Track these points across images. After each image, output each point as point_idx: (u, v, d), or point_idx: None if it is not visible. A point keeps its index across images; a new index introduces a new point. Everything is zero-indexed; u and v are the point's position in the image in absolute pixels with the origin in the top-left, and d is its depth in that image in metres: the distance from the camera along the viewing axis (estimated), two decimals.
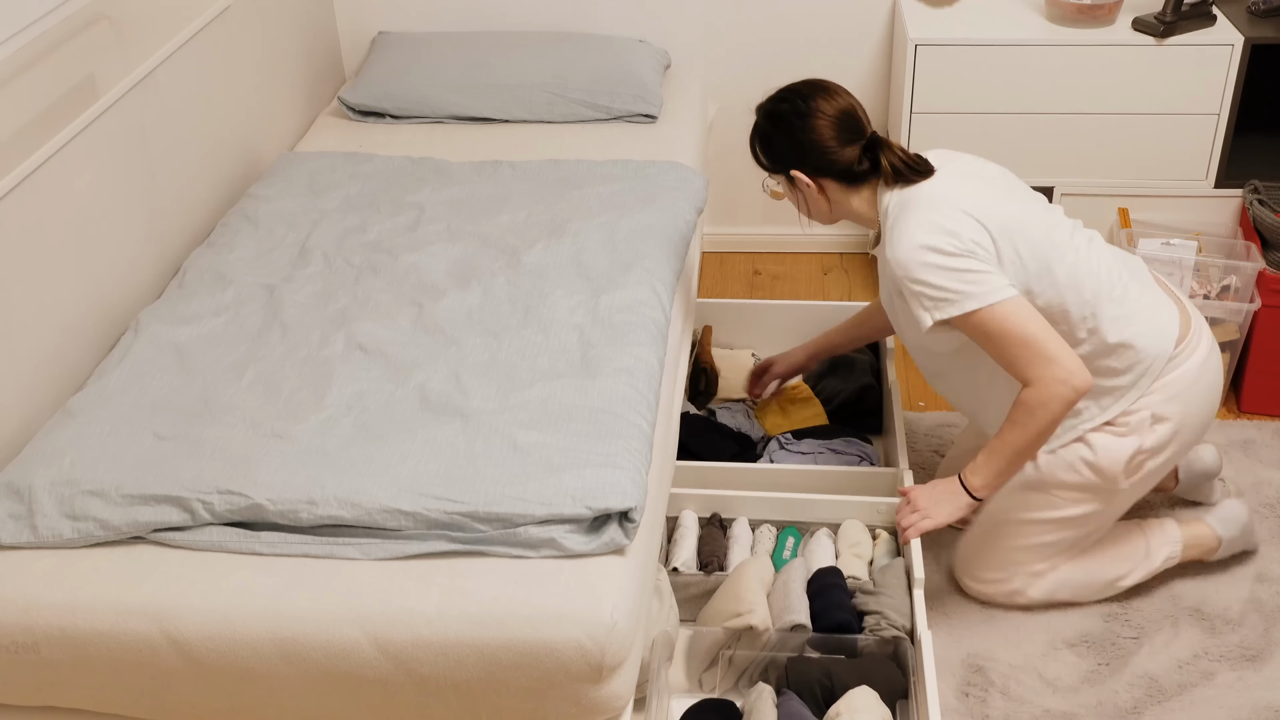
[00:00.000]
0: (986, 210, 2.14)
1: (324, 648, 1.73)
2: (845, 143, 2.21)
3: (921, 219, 2.12)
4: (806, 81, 2.28)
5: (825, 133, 2.21)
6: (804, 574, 2.32)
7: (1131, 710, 2.26)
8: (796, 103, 2.23)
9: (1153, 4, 3.18)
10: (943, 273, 2.09)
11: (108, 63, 2.41)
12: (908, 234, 2.12)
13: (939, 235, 2.10)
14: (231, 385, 2.13)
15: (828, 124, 2.21)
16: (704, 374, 3.02)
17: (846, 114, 2.22)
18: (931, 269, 2.10)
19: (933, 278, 2.10)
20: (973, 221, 2.11)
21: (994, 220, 2.13)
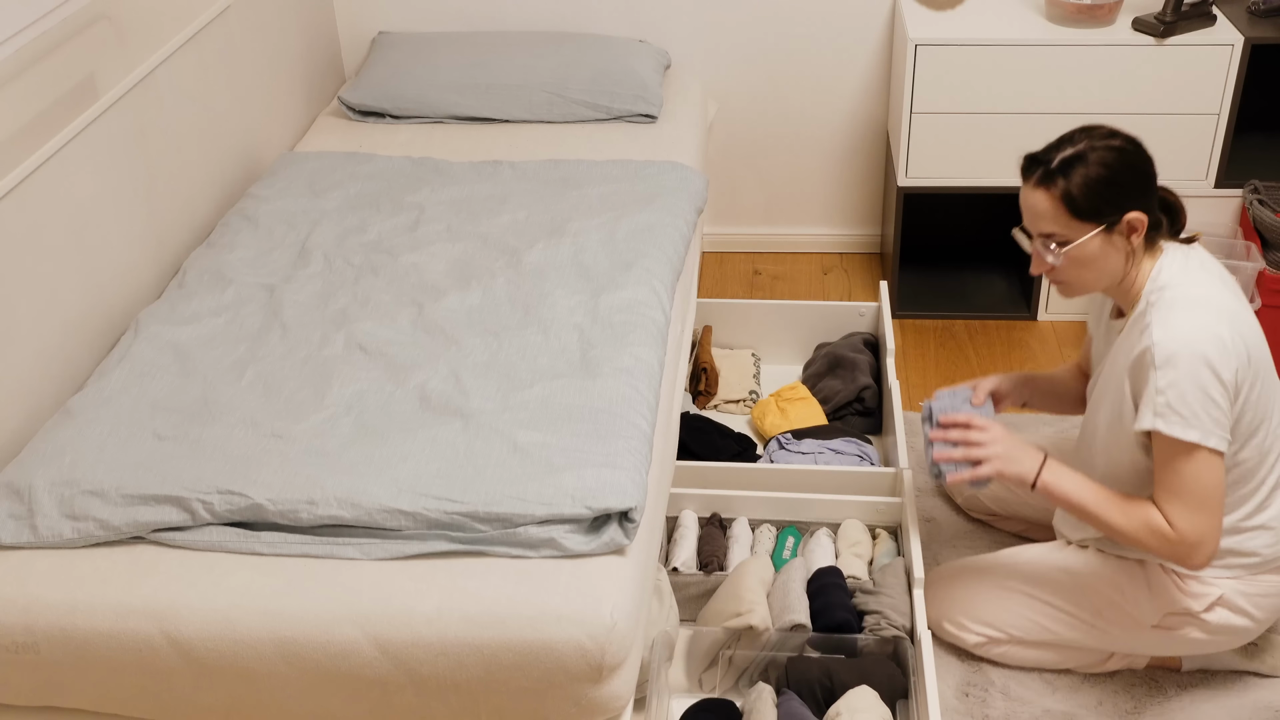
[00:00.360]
0: (1257, 352, 2.01)
1: (324, 648, 1.73)
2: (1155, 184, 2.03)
3: (1214, 327, 1.94)
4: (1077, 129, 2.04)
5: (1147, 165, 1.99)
6: (804, 574, 2.32)
7: (1131, 710, 2.26)
8: (1104, 135, 1.99)
9: (1153, 4, 3.18)
10: (1200, 390, 1.92)
11: (108, 63, 2.41)
12: (1195, 330, 1.94)
13: (1222, 356, 1.93)
14: (231, 385, 2.13)
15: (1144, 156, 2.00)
16: (704, 374, 3.02)
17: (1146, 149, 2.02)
18: (1202, 374, 1.92)
19: (1189, 386, 1.93)
20: (1244, 361, 1.97)
21: (1256, 365, 2.00)
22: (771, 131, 3.65)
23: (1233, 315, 1.99)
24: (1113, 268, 2.03)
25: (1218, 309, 1.97)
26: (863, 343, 3.03)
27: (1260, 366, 2.02)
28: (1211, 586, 2.14)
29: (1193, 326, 1.95)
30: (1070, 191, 1.97)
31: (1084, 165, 1.97)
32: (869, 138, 3.65)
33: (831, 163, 3.70)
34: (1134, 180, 1.98)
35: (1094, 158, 1.97)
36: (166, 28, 2.64)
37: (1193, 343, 1.93)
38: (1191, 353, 1.93)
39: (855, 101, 3.59)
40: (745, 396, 3.01)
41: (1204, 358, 1.92)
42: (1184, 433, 1.94)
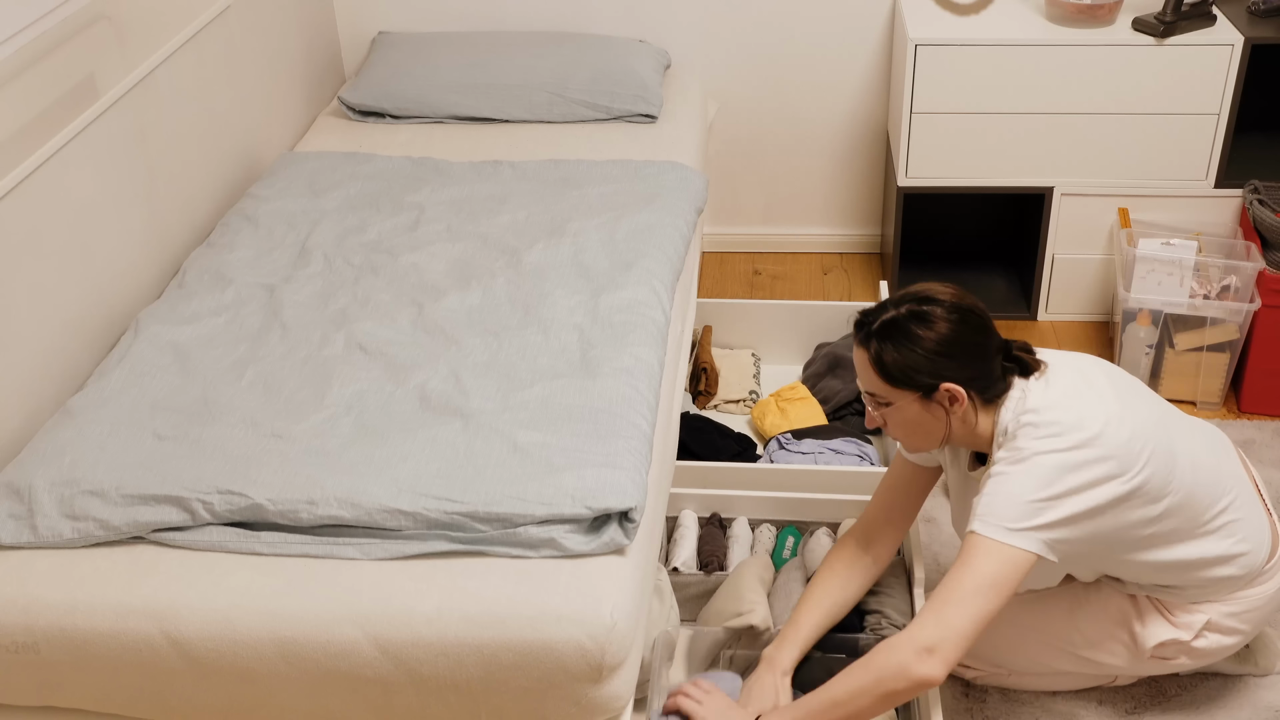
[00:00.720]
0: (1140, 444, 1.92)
1: (324, 648, 1.73)
2: (994, 348, 1.95)
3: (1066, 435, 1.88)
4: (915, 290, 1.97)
5: (979, 334, 1.93)
6: (804, 574, 2.32)
7: (1131, 710, 2.26)
8: (934, 303, 1.92)
9: (1153, 4, 3.18)
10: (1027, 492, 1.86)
11: (108, 63, 2.41)
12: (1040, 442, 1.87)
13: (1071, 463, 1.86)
14: (231, 385, 2.13)
15: (980, 325, 1.94)
16: (704, 374, 3.02)
17: (987, 314, 1.97)
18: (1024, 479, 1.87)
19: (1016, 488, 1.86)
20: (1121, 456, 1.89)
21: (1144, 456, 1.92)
22: (771, 131, 3.65)
23: (1077, 420, 1.89)
24: (938, 430, 1.97)
25: (1058, 420, 1.89)
26: None
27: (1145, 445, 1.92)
28: (1197, 614, 2.13)
29: (1031, 443, 1.88)
30: (882, 357, 1.93)
31: (898, 334, 1.92)
32: (869, 138, 3.65)
33: (831, 163, 3.70)
34: (950, 354, 1.91)
35: (911, 327, 1.91)
36: (166, 28, 2.64)
37: (1026, 453, 1.87)
38: (1031, 461, 1.86)
39: (855, 101, 3.59)
40: (745, 396, 3.01)
41: (1030, 464, 1.86)
42: (989, 531, 1.85)
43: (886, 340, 1.92)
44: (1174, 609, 2.14)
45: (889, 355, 1.92)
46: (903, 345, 1.91)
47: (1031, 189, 3.26)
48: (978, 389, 1.94)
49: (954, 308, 1.92)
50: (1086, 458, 1.87)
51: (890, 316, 1.93)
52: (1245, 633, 2.17)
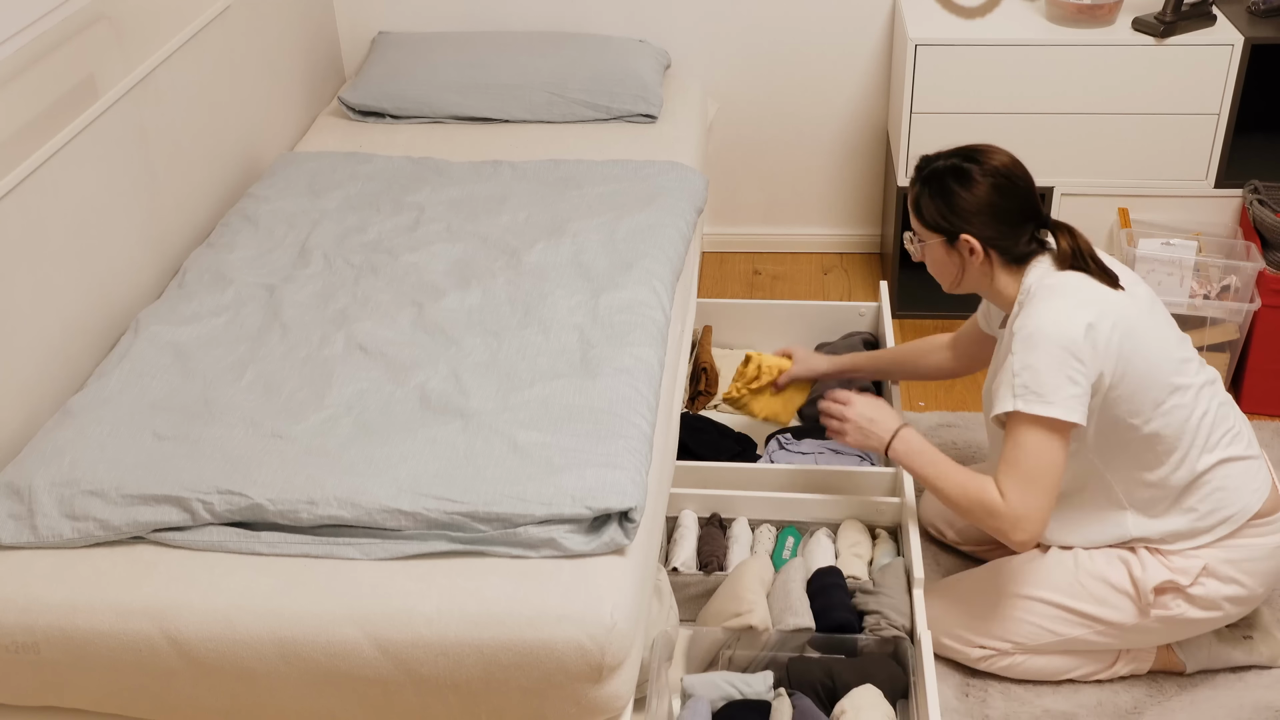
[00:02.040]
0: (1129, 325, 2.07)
1: (324, 648, 1.73)
2: (1025, 218, 2.14)
3: (1071, 311, 2.04)
4: (977, 145, 2.19)
5: (1004, 192, 2.13)
6: (804, 574, 2.32)
7: (1131, 710, 2.26)
8: (978, 164, 2.14)
9: (1153, 4, 3.18)
10: (1055, 368, 2.01)
11: (108, 63, 2.41)
12: (1053, 314, 2.04)
13: (1079, 337, 2.01)
14: (231, 385, 2.13)
15: (1009, 183, 2.13)
16: (704, 374, 3.02)
17: (1029, 187, 2.15)
18: (1048, 357, 2.01)
19: (1043, 365, 2.02)
20: (1112, 338, 2.04)
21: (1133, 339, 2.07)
22: (771, 131, 3.65)
23: (1095, 297, 2.07)
24: (955, 274, 2.22)
25: (1080, 298, 2.06)
26: (862, 343, 3.03)
27: (1140, 338, 2.07)
28: (1193, 559, 2.18)
29: (1050, 312, 2.05)
30: (918, 199, 2.20)
31: (936, 183, 2.16)
32: (869, 138, 3.65)
33: (831, 163, 3.70)
34: (977, 209, 2.12)
35: (948, 181, 2.14)
36: (166, 28, 2.64)
37: (1048, 325, 2.03)
38: (1046, 335, 2.02)
39: (855, 101, 3.59)
40: None
41: (1059, 339, 2.02)
42: (1037, 408, 2.02)
43: (927, 185, 2.18)
44: (1171, 555, 2.19)
45: (924, 199, 2.18)
46: (936, 194, 2.16)
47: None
48: (998, 249, 2.15)
49: (993, 171, 2.13)
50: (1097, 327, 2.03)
51: (937, 166, 2.18)
52: (1246, 586, 2.19)
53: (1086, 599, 2.22)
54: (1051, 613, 2.24)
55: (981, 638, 2.29)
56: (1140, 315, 2.11)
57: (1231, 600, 2.20)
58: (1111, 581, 2.21)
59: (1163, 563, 2.20)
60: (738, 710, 2.08)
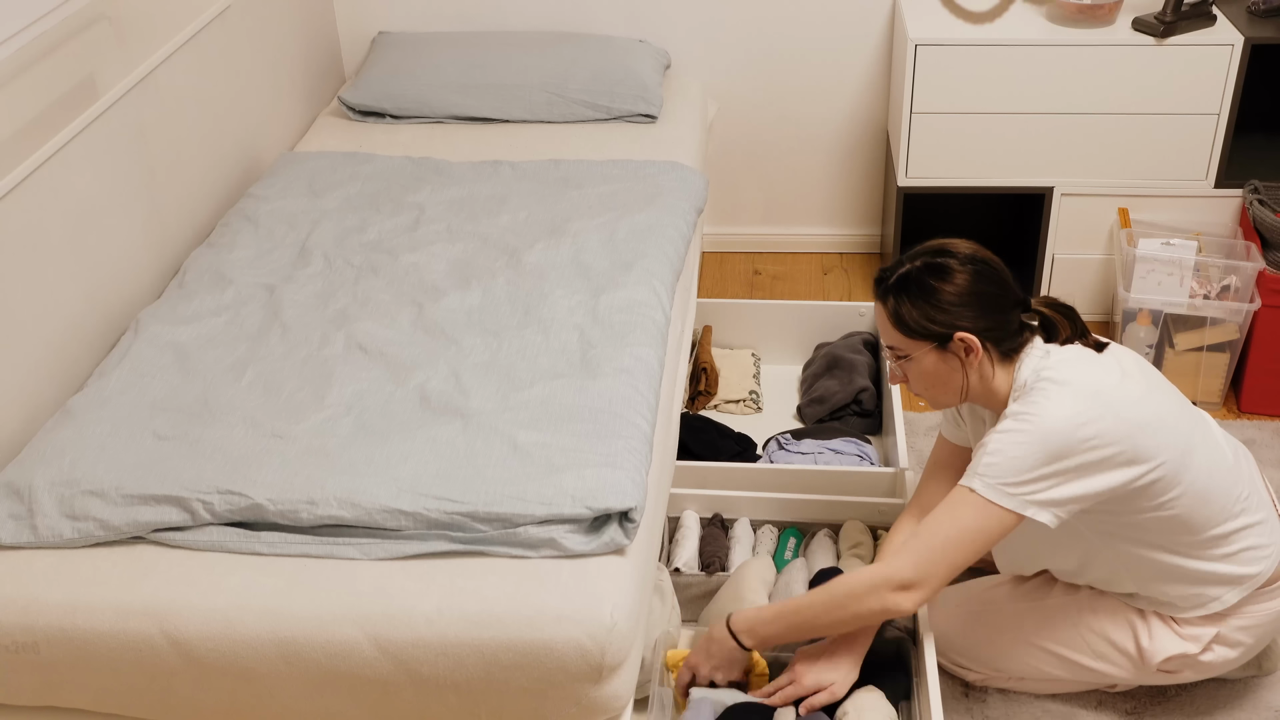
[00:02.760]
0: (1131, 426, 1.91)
1: (324, 648, 1.73)
2: (1011, 302, 2.00)
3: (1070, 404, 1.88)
4: (937, 243, 2.02)
5: (985, 280, 1.97)
6: (806, 575, 2.32)
7: (1131, 710, 2.26)
8: (951, 255, 1.98)
9: (1153, 4, 3.18)
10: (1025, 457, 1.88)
11: (108, 63, 2.41)
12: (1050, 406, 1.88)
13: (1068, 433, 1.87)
14: (231, 385, 2.13)
15: (994, 278, 1.98)
16: (704, 374, 3.02)
17: (1004, 268, 2.00)
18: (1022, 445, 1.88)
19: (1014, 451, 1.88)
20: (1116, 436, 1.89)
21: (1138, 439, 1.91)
22: (771, 131, 3.65)
23: (1097, 391, 1.91)
24: (956, 382, 2.02)
25: (1079, 388, 1.91)
26: (862, 343, 3.03)
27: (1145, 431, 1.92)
28: (1207, 628, 2.12)
29: (1050, 404, 1.89)
30: (899, 311, 2.00)
31: (914, 287, 1.98)
32: (869, 138, 3.65)
33: (831, 163, 3.70)
34: (966, 305, 1.96)
35: (927, 280, 1.97)
36: (166, 28, 2.64)
37: (1047, 418, 1.88)
38: (1041, 427, 1.87)
39: (855, 101, 3.59)
40: (745, 396, 3.01)
41: (1043, 431, 1.87)
42: (994, 496, 1.89)
43: (903, 294, 1.99)
44: (1183, 623, 2.13)
45: (905, 308, 1.99)
46: (918, 298, 1.98)
47: (1031, 189, 3.26)
48: (993, 340, 1.99)
49: (969, 259, 1.99)
50: (1100, 436, 1.88)
51: (906, 270, 2.00)
52: (1249, 646, 2.16)
53: (1087, 653, 2.18)
54: (1049, 659, 2.21)
55: (980, 665, 2.27)
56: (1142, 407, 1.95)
57: (1233, 660, 2.17)
58: (1115, 642, 2.16)
59: (1174, 631, 2.13)
60: (741, 712, 2.08)
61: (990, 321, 1.98)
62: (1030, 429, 1.89)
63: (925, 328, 1.98)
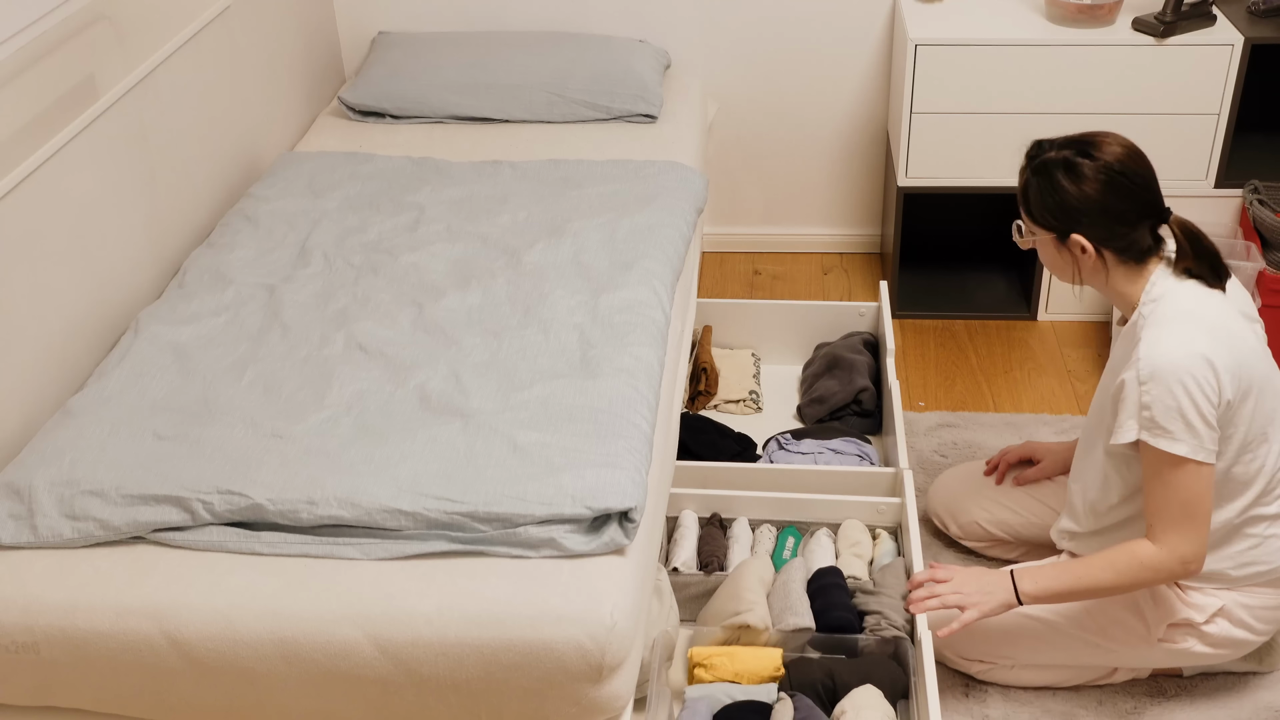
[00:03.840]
0: (1246, 368, 1.99)
1: (324, 648, 1.73)
2: (1141, 216, 2.03)
3: (1199, 343, 1.95)
4: (1092, 135, 2.04)
5: (1124, 191, 2.00)
6: (804, 574, 2.32)
7: (1131, 710, 2.26)
8: (1091, 158, 2.00)
9: (1153, 4, 3.18)
10: (1183, 405, 1.94)
11: (108, 63, 2.41)
12: (1181, 347, 1.95)
13: (1205, 372, 1.94)
14: (231, 385, 2.13)
15: (1129, 180, 2.00)
16: (704, 374, 3.02)
17: (1147, 182, 2.03)
18: (1182, 394, 1.94)
19: (1174, 402, 1.94)
20: (1232, 377, 1.96)
21: (1245, 381, 1.99)
22: (771, 131, 3.65)
23: (1224, 332, 1.99)
24: (1069, 272, 2.09)
25: (1208, 326, 1.98)
26: (862, 343, 3.03)
27: (1255, 383, 2.01)
28: (1213, 598, 2.15)
29: (1178, 343, 1.96)
30: (1027, 192, 2.07)
31: (1048, 177, 2.02)
32: (869, 138, 3.65)
33: (831, 163, 3.70)
34: (1088, 208, 2.00)
35: (1057, 175, 2.01)
36: (166, 28, 2.64)
37: (1177, 359, 1.95)
38: (1175, 368, 1.95)
39: (855, 101, 3.59)
40: (745, 396, 3.01)
41: (1188, 373, 1.94)
42: (1170, 446, 1.96)
43: (1035, 177, 2.04)
44: (1188, 590, 2.15)
45: (1033, 193, 2.05)
46: (1046, 189, 2.03)
47: None
48: (1113, 249, 2.04)
49: (1106, 168, 2.00)
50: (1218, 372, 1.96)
51: (1048, 156, 2.03)
52: (1257, 632, 2.17)
53: (1091, 626, 2.19)
54: (1055, 637, 2.22)
55: (985, 654, 2.28)
56: (1259, 352, 2.04)
57: (1236, 643, 2.18)
58: (1121, 612, 2.18)
59: (1179, 597, 2.15)
60: (738, 711, 2.08)
61: (1110, 232, 2.02)
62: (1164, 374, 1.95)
63: (1046, 220, 2.05)
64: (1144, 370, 1.97)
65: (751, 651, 2.18)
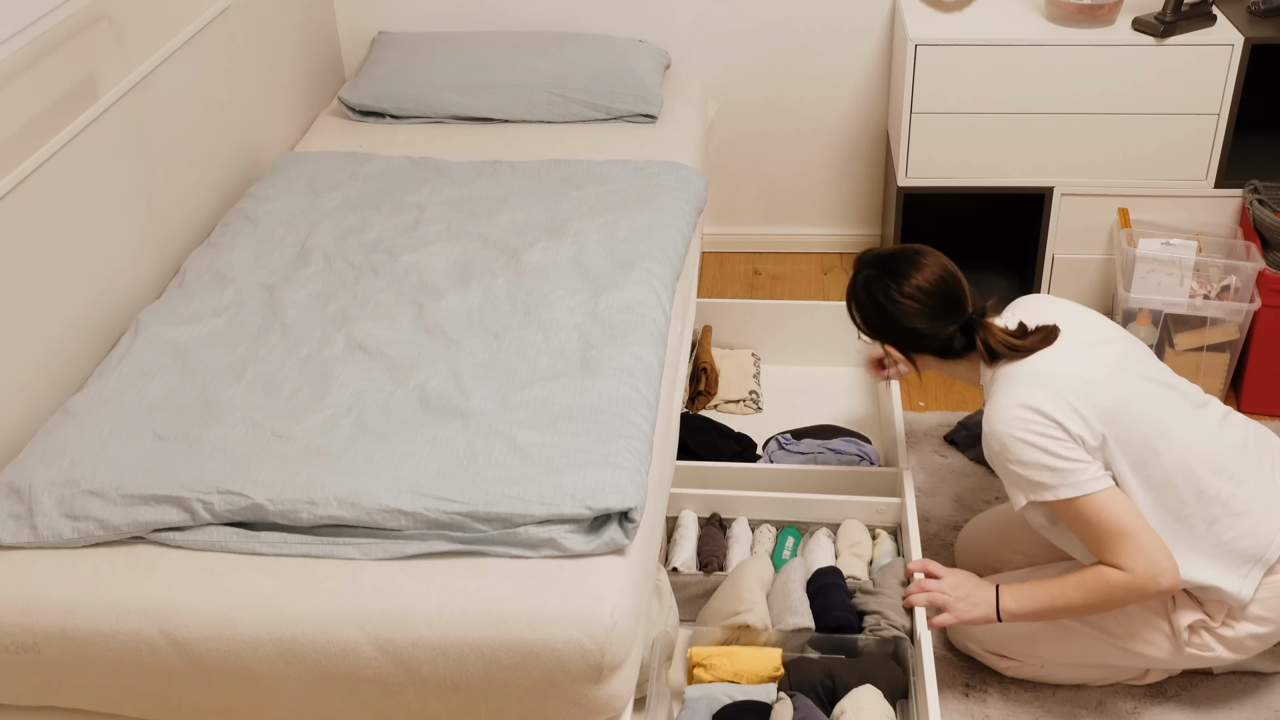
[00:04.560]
0: (1090, 398, 2.04)
1: (324, 648, 1.73)
2: (941, 320, 2.17)
3: (1021, 398, 2.04)
4: (901, 251, 2.22)
5: (918, 315, 2.17)
6: (804, 574, 2.32)
7: (1131, 710, 2.26)
8: (889, 281, 2.19)
9: (1153, 4, 3.18)
10: (1035, 458, 2.02)
11: (108, 63, 2.41)
12: (1005, 412, 2.04)
13: (1036, 421, 2.02)
14: (231, 385, 2.13)
15: (922, 304, 2.17)
16: (704, 374, 3.02)
17: (943, 290, 2.17)
18: (1026, 450, 2.02)
19: (1026, 458, 2.02)
20: (1073, 413, 2.02)
21: (1098, 408, 2.04)
22: (771, 131, 3.65)
23: (1054, 375, 2.06)
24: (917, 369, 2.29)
25: (1034, 378, 2.06)
26: None
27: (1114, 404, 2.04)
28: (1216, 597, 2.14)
29: (1002, 408, 2.05)
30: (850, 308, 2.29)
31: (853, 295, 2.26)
32: (869, 138, 3.65)
33: (831, 163, 3.70)
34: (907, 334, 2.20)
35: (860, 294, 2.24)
36: (166, 28, 2.64)
37: (1007, 421, 2.04)
38: (1009, 431, 2.03)
39: (855, 101, 3.59)
40: (745, 396, 3.02)
41: (1022, 429, 2.02)
42: (1054, 495, 2.02)
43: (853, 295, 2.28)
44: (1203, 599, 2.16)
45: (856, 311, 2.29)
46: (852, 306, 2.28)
47: (1031, 189, 3.26)
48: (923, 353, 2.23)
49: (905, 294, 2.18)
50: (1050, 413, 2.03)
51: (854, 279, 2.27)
52: (1274, 623, 2.16)
53: (1121, 632, 2.19)
54: (1084, 641, 2.22)
55: (1011, 653, 2.28)
56: (1109, 376, 2.08)
57: (1261, 638, 2.18)
58: (1146, 617, 2.18)
59: (1189, 601, 2.16)
60: (737, 711, 2.09)
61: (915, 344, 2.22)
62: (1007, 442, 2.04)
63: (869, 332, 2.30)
64: (992, 446, 2.07)
65: (751, 651, 2.18)
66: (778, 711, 2.04)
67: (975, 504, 2.74)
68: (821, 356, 3.16)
